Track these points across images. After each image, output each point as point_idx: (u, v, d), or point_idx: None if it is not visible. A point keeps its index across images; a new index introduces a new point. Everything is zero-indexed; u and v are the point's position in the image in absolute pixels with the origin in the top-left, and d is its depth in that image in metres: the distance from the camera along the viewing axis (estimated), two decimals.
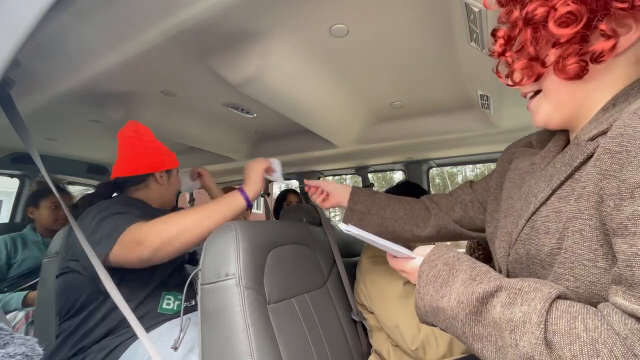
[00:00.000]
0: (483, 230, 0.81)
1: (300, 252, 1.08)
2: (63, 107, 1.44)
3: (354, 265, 1.32)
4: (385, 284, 1.12)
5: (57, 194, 0.90)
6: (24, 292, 1.68)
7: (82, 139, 2.01)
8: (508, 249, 0.59)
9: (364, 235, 0.61)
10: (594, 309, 0.41)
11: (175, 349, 0.80)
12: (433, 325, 0.56)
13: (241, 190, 1.05)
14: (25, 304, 1.65)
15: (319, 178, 2.63)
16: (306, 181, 1.08)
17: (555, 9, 0.45)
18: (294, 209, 1.33)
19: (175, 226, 0.92)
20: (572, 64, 0.47)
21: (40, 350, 0.49)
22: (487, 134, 1.61)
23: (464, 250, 1.86)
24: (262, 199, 2.02)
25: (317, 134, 1.67)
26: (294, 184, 2.81)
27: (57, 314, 1.07)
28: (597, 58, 0.45)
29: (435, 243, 0.65)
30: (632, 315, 0.37)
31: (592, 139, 0.47)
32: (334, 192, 1.03)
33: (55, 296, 1.07)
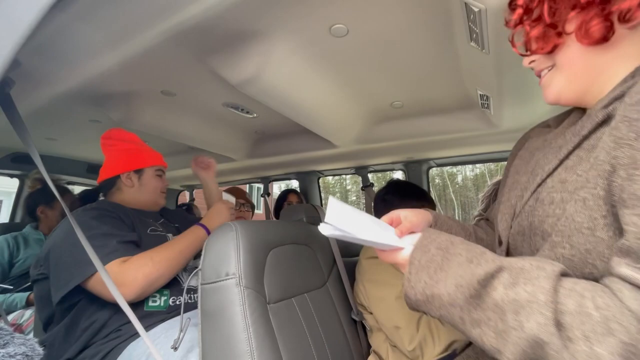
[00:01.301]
0: None
1: (300, 252, 1.08)
2: (63, 107, 1.44)
3: (354, 265, 1.32)
4: (384, 285, 1.12)
5: (57, 195, 0.89)
6: (27, 293, 1.68)
7: (82, 139, 2.01)
8: (510, 221, 0.58)
9: (347, 234, 0.53)
10: (600, 285, 0.39)
11: (175, 348, 0.80)
12: (424, 313, 0.53)
13: (203, 226, 1.16)
14: (29, 303, 1.65)
15: (319, 178, 2.63)
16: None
17: None
18: (294, 209, 1.33)
19: (156, 269, 0.96)
20: (596, 25, 0.45)
21: (40, 350, 0.49)
22: (487, 133, 1.61)
23: None
24: (262, 199, 2.03)
25: (317, 134, 1.67)
26: (294, 183, 2.81)
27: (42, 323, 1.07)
28: (626, 16, 0.43)
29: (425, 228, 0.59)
30: None
31: (606, 106, 0.45)
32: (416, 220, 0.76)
33: (35, 304, 1.07)
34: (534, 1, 0.50)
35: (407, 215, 0.65)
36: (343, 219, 0.54)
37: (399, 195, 1.33)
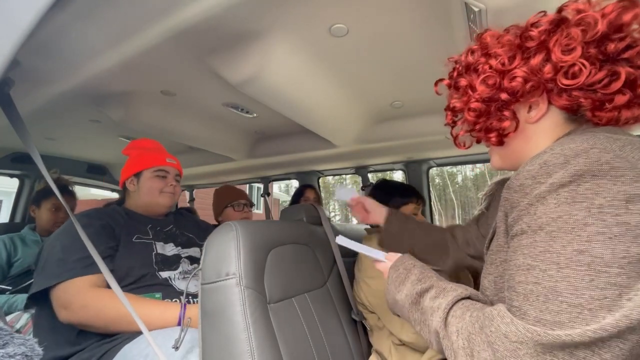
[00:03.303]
0: None
1: (300, 252, 1.08)
2: (63, 107, 1.44)
3: (354, 265, 1.32)
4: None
5: (58, 195, 0.89)
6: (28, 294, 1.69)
7: (82, 139, 2.01)
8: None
9: (352, 245, 0.86)
10: (485, 306, 0.54)
11: (176, 348, 0.79)
12: (397, 315, 0.72)
13: (182, 315, 0.94)
14: (29, 305, 1.65)
15: (319, 178, 2.63)
16: (352, 198, 1.18)
17: (468, 104, 0.62)
18: (294, 209, 1.33)
19: (94, 321, 0.94)
20: (492, 137, 0.62)
21: (39, 350, 0.49)
22: None
23: None
24: (262, 198, 2.03)
25: (317, 134, 1.67)
26: (294, 183, 2.80)
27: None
28: (503, 132, 0.61)
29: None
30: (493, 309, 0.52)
31: None
32: (373, 211, 1.14)
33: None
34: (461, 111, 0.66)
35: (367, 202, 1.14)
36: (349, 242, 0.88)
37: (388, 195, 1.35)
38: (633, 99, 0.50)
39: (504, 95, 0.57)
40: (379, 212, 1.12)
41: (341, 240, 0.89)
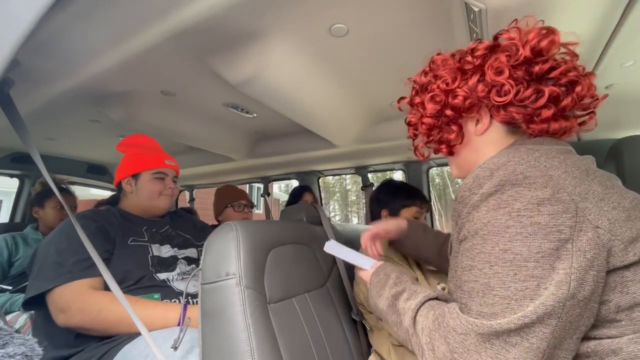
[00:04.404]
0: None
1: (300, 252, 1.07)
2: (63, 107, 1.44)
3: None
4: None
5: (58, 195, 0.89)
6: None
7: (82, 139, 2.01)
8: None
9: (341, 253, 0.90)
10: (445, 305, 0.58)
11: (175, 348, 0.79)
12: (380, 319, 0.74)
13: (182, 315, 0.93)
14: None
15: (319, 178, 2.63)
16: (365, 235, 0.99)
17: (421, 119, 0.70)
18: (294, 209, 1.33)
19: (93, 324, 0.93)
20: (443, 148, 0.70)
21: (39, 350, 0.49)
22: None
23: None
24: (262, 198, 2.03)
25: (317, 134, 1.67)
26: (294, 183, 2.81)
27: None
28: (450, 143, 0.68)
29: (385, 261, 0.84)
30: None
31: None
32: (393, 230, 1.05)
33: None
34: (416, 125, 0.73)
35: (386, 228, 1.03)
36: (339, 249, 0.91)
37: (391, 195, 1.33)
38: (557, 112, 0.58)
39: (448, 112, 0.65)
40: (397, 226, 1.05)
41: (329, 247, 0.89)
